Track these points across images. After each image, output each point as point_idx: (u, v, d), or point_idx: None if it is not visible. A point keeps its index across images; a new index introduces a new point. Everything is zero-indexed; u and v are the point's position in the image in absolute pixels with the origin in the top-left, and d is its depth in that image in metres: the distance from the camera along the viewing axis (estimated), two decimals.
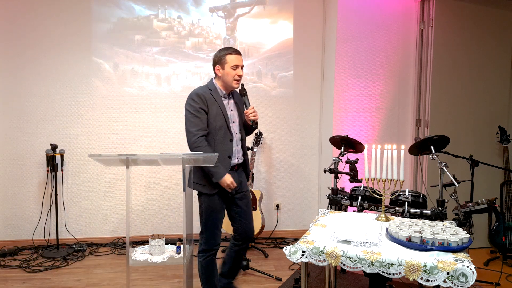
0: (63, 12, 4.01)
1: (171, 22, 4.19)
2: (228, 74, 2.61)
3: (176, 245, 2.45)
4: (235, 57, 2.61)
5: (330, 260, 1.88)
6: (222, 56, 2.62)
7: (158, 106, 4.20)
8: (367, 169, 2.35)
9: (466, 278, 1.66)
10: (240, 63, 2.63)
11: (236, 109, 2.74)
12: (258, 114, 2.71)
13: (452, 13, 3.93)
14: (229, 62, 2.60)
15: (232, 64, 2.60)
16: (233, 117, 2.70)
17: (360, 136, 4.02)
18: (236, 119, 2.72)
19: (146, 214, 4.24)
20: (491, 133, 4.03)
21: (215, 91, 2.65)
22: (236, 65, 2.61)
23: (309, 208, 4.48)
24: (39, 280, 3.33)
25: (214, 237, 2.71)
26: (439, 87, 3.95)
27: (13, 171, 4.03)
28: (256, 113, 2.66)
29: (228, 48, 2.66)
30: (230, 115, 2.67)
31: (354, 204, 3.08)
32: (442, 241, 1.85)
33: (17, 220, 4.06)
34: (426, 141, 2.96)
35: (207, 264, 2.72)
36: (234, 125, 2.69)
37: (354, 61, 4.06)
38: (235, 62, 2.60)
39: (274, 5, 4.30)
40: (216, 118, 2.61)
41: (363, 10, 4.02)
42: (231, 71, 2.60)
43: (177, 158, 2.37)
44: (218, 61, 2.63)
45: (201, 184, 2.64)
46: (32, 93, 4.02)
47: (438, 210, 2.81)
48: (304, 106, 4.41)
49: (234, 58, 2.60)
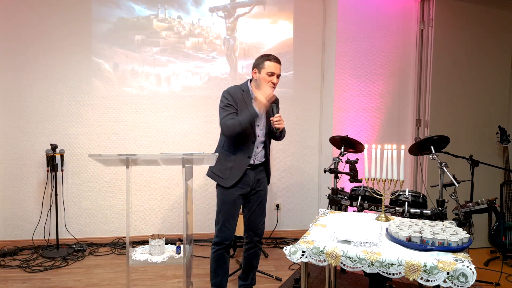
0: (63, 12, 4.01)
1: (171, 22, 4.19)
2: (263, 79, 2.66)
3: (176, 245, 2.45)
4: (274, 64, 2.67)
5: (330, 260, 1.88)
6: (261, 61, 2.68)
7: (158, 106, 4.20)
8: (367, 169, 2.35)
9: (466, 278, 1.66)
10: (277, 71, 2.69)
11: (264, 115, 2.76)
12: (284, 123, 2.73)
13: (452, 13, 3.93)
14: (266, 68, 2.66)
15: (268, 71, 2.66)
16: (259, 121, 2.74)
17: (360, 136, 4.02)
18: (261, 124, 2.76)
19: (146, 214, 4.24)
20: (491, 133, 4.04)
21: (247, 93, 2.71)
22: (272, 73, 2.66)
23: (309, 208, 4.48)
24: (39, 280, 3.33)
25: (224, 231, 2.75)
26: (439, 87, 3.95)
27: (13, 171, 4.03)
28: (281, 121, 2.68)
29: (269, 54, 2.72)
30: (256, 119, 2.70)
31: (354, 204, 3.08)
32: (442, 241, 1.85)
33: (17, 220, 4.06)
34: (426, 141, 2.96)
35: (216, 258, 2.78)
36: (258, 129, 2.74)
37: (354, 61, 4.06)
38: (272, 69, 2.66)
39: (274, 5, 4.30)
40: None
41: (363, 10, 4.02)
42: (266, 77, 2.66)
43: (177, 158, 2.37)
44: (257, 65, 2.70)
45: (218, 176, 2.74)
46: (32, 93, 4.02)
47: (438, 210, 2.81)
48: (304, 106, 4.41)
49: (272, 65, 2.66)
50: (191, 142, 4.26)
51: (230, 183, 2.70)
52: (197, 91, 4.26)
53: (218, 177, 2.74)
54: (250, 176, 2.76)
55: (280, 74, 2.73)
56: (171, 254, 2.44)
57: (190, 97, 4.24)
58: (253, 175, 2.78)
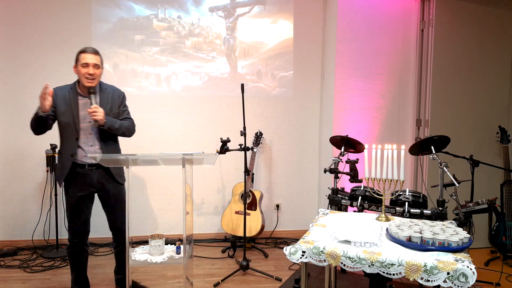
0: (63, 12, 4.01)
1: (171, 22, 4.19)
2: (79, 72, 2.67)
3: (176, 245, 2.45)
4: (86, 55, 2.65)
5: (330, 260, 1.88)
6: (77, 55, 2.68)
7: (158, 106, 4.19)
8: (367, 169, 2.35)
9: (466, 278, 1.65)
10: (91, 61, 2.65)
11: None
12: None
13: (452, 13, 3.93)
14: (80, 60, 2.65)
15: (82, 62, 2.65)
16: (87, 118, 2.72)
17: (360, 136, 4.02)
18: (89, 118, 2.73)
19: (146, 214, 4.23)
20: (491, 133, 4.03)
21: (74, 90, 2.74)
22: (86, 63, 2.64)
23: (309, 208, 4.48)
24: (39, 280, 3.32)
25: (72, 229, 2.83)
26: (439, 87, 3.95)
27: (13, 171, 4.03)
28: (98, 113, 2.61)
29: (85, 47, 2.70)
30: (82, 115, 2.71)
31: (354, 204, 3.08)
32: (442, 241, 1.85)
33: (17, 220, 4.06)
34: (426, 141, 2.96)
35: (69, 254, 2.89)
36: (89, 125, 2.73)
37: (354, 61, 4.06)
38: (85, 60, 2.64)
39: (274, 5, 4.29)
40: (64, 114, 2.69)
41: (363, 10, 4.02)
42: (81, 69, 2.65)
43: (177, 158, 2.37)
44: (75, 60, 2.70)
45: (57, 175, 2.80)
46: (32, 93, 4.02)
47: (438, 210, 2.80)
48: (304, 106, 4.41)
49: (85, 56, 2.65)
50: (191, 142, 4.26)
51: (61, 182, 2.73)
52: (197, 91, 4.25)
53: (57, 177, 2.80)
54: (92, 177, 2.72)
55: (97, 64, 2.68)
56: (171, 254, 2.44)
57: (190, 97, 4.24)
58: (96, 176, 2.73)
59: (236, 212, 4.03)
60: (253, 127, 4.31)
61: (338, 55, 4.03)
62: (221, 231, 4.28)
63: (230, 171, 4.33)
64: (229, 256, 3.87)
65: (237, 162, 4.32)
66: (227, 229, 4.01)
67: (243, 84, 3.47)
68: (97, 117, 2.61)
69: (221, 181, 4.35)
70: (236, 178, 4.32)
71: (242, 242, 3.97)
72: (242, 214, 3.96)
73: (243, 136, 3.45)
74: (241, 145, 3.53)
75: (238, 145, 3.69)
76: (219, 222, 4.29)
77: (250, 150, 4.09)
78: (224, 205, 4.33)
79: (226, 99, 4.28)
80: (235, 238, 3.96)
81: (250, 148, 4.12)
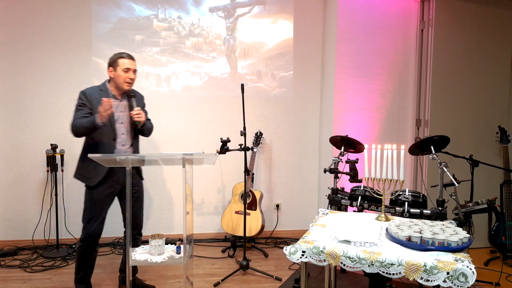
0: (63, 12, 4.01)
1: (171, 22, 4.19)
2: (119, 76, 2.74)
3: (176, 245, 2.45)
4: (128, 61, 2.76)
5: (330, 260, 1.89)
6: (115, 59, 2.76)
7: (158, 106, 4.19)
8: (367, 169, 2.35)
9: (466, 278, 1.66)
10: (132, 67, 2.77)
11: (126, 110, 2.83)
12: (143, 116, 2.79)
13: (452, 13, 3.93)
14: (120, 65, 2.74)
15: (123, 67, 2.76)
16: (122, 118, 2.81)
17: (360, 136, 4.02)
18: (125, 121, 2.82)
19: (146, 214, 4.24)
20: (491, 133, 4.04)
21: (105, 92, 2.78)
22: (128, 68, 2.75)
23: (309, 208, 4.48)
24: (39, 280, 3.33)
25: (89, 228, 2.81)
26: (439, 87, 3.95)
27: (13, 171, 4.03)
28: (141, 115, 2.75)
29: (121, 52, 2.82)
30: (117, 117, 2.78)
31: (354, 204, 3.08)
32: (442, 241, 1.85)
33: (17, 220, 4.06)
34: (426, 141, 2.96)
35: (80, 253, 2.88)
36: (121, 126, 2.80)
37: (354, 61, 4.06)
38: (127, 65, 2.75)
39: (274, 5, 4.30)
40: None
41: (363, 10, 4.02)
42: (122, 73, 2.74)
43: (177, 158, 2.38)
44: (111, 64, 2.77)
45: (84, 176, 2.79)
46: (32, 93, 4.02)
47: (438, 210, 2.81)
48: (304, 106, 4.41)
49: (126, 62, 2.75)
50: (191, 142, 4.26)
51: (95, 181, 2.75)
52: (197, 91, 4.26)
53: (84, 177, 2.79)
54: (120, 174, 2.79)
55: (136, 69, 2.81)
56: (171, 254, 2.44)
57: (190, 97, 4.24)
58: (123, 173, 2.79)
59: (236, 212, 4.03)
60: (253, 127, 4.31)
61: (338, 55, 4.03)
62: (221, 231, 4.28)
63: (230, 171, 4.33)
64: (229, 256, 3.87)
65: (237, 162, 4.33)
66: (227, 229, 4.01)
67: (243, 84, 3.47)
68: (141, 119, 2.74)
69: (221, 181, 4.35)
70: (236, 178, 4.32)
71: (242, 242, 3.97)
72: (242, 214, 3.96)
73: (243, 136, 3.45)
74: (241, 145, 3.53)
75: (238, 145, 3.69)
76: (219, 222, 4.29)
77: (250, 150, 4.09)
78: (224, 205, 4.33)
79: (226, 99, 4.29)
80: (235, 238, 3.96)
81: (250, 148, 4.12)
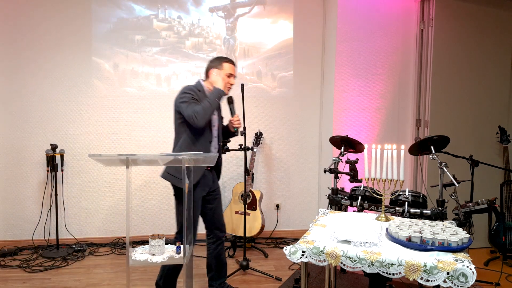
0: (63, 12, 4.01)
1: (171, 22, 4.19)
2: (222, 80, 2.75)
3: (176, 245, 2.45)
4: (232, 66, 2.79)
5: (330, 260, 1.88)
6: (219, 62, 2.78)
7: (158, 106, 4.19)
8: (367, 169, 2.35)
9: (466, 278, 1.66)
10: (234, 73, 2.81)
11: (217, 118, 2.85)
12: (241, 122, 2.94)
13: (452, 13, 3.93)
14: (225, 69, 2.76)
15: (228, 72, 2.76)
16: (214, 121, 2.81)
17: (360, 136, 4.02)
18: (216, 124, 2.83)
19: (146, 214, 4.24)
20: (491, 133, 4.04)
21: (203, 93, 2.77)
22: (231, 74, 2.78)
23: (309, 208, 4.48)
24: (39, 280, 3.33)
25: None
26: (439, 87, 3.95)
27: (13, 171, 4.03)
28: (240, 121, 2.88)
29: (225, 57, 2.86)
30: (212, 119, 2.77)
31: (354, 204, 3.08)
32: (442, 241, 1.85)
33: (17, 220, 4.06)
34: (426, 141, 2.96)
35: None
36: (213, 129, 2.80)
37: (354, 61, 4.06)
38: (231, 71, 2.78)
39: (274, 5, 4.30)
40: None
41: (363, 10, 4.02)
42: (225, 77, 2.77)
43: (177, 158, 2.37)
44: (215, 66, 2.78)
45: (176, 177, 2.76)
46: (32, 93, 4.02)
47: (438, 210, 2.81)
48: (304, 106, 4.41)
49: (232, 67, 2.78)
50: None
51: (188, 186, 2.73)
52: None
53: (176, 178, 2.75)
54: (209, 177, 2.82)
55: (236, 76, 2.84)
56: (171, 254, 2.43)
57: None
58: (211, 176, 2.84)
59: (236, 212, 4.03)
60: (253, 127, 4.31)
61: (338, 55, 4.03)
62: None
63: (230, 171, 4.33)
64: (229, 256, 3.87)
65: (237, 162, 4.33)
66: (227, 229, 4.01)
67: (243, 84, 3.47)
68: (240, 125, 2.86)
69: (221, 181, 4.31)
70: (236, 178, 4.32)
71: (242, 242, 3.97)
72: (242, 214, 3.96)
73: (243, 136, 3.45)
74: (241, 145, 3.53)
75: (238, 145, 3.69)
76: None
77: (250, 150, 4.09)
78: (224, 205, 4.33)
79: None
80: (235, 238, 3.96)
81: (250, 148, 4.13)
